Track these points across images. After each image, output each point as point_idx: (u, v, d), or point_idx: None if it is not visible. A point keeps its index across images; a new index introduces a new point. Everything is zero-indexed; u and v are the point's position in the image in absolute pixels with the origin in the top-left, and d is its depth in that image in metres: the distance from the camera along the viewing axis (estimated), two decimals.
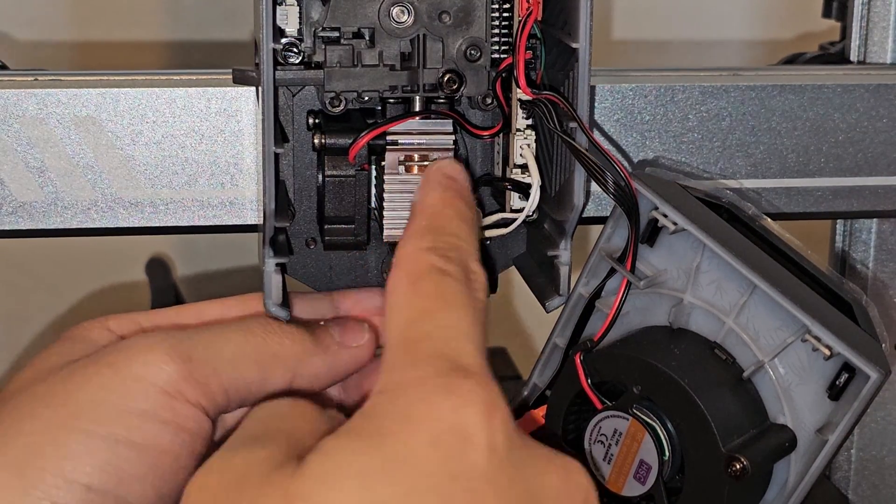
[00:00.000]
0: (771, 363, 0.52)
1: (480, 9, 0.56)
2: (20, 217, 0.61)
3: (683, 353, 0.53)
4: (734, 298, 0.53)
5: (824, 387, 0.51)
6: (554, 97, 0.54)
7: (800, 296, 0.51)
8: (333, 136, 0.57)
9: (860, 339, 0.51)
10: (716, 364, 0.53)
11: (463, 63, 0.56)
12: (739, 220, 0.57)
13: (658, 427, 0.52)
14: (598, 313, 0.57)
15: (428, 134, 0.56)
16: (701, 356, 0.53)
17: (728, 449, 0.50)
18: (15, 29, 1.03)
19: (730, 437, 0.51)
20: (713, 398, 0.51)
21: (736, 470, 0.50)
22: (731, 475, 0.50)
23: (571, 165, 0.54)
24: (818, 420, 0.51)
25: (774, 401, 0.52)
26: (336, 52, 0.55)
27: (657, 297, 0.55)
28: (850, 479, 0.75)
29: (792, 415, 0.52)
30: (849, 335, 0.50)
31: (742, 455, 0.50)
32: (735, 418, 0.51)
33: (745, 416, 0.52)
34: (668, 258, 0.55)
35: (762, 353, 0.52)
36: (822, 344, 0.50)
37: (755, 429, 0.52)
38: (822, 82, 0.67)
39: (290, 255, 0.59)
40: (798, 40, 1.07)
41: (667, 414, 0.52)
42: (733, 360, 0.53)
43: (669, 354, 0.52)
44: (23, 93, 0.60)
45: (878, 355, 0.50)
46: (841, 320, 0.52)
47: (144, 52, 1.05)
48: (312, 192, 0.59)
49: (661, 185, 0.55)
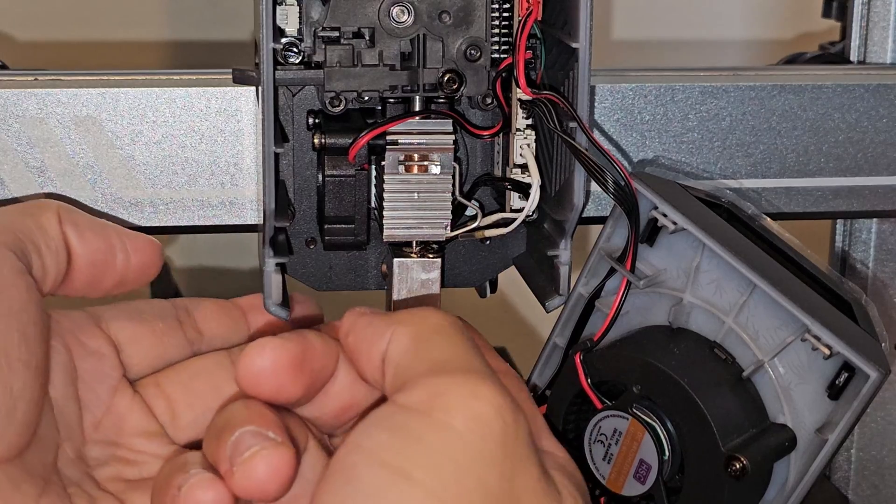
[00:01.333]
0: (771, 363, 0.52)
1: (480, 8, 0.56)
2: None
3: (683, 353, 0.53)
4: (734, 298, 0.53)
5: (824, 386, 0.51)
6: (554, 97, 0.54)
7: (799, 295, 0.51)
8: (333, 135, 0.57)
9: (860, 339, 0.51)
10: (715, 363, 0.53)
11: (463, 63, 0.56)
12: (739, 220, 0.57)
13: (658, 427, 0.52)
14: (597, 313, 0.57)
15: (428, 134, 0.56)
16: (701, 356, 0.53)
17: (728, 448, 0.50)
18: (15, 28, 1.03)
19: (729, 436, 0.51)
20: (713, 397, 0.51)
21: (736, 469, 0.50)
22: (731, 475, 0.50)
23: (571, 165, 0.54)
24: (818, 420, 0.51)
25: (774, 400, 0.52)
26: (336, 51, 0.55)
27: (657, 297, 0.55)
28: (850, 479, 0.75)
29: (792, 414, 0.52)
30: (848, 334, 0.50)
31: (742, 454, 0.50)
32: (735, 418, 0.51)
33: (745, 416, 0.52)
34: (668, 258, 0.55)
35: (762, 352, 0.52)
36: (822, 343, 0.50)
37: (755, 428, 0.52)
38: (822, 82, 0.67)
39: (290, 254, 0.59)
40: (798, 40, 1.07)
41: (666, 413, 0.52)
42: (733, 360, 0.53)
43: (669, 354, 0.52)
44: (23, 92, 0.60)
45: (878, 355, 0.50)
46: (840, 320, 0.52)
47: (144, 51, 1.05)
48: (312, 192, 0.59)
49: (661, 184, 0.55)
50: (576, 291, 0.57)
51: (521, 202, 0.57)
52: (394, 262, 0.56)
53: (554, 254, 0.57)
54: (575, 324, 0.57)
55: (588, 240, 0.59)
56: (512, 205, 0.57)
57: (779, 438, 0.51)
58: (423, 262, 0.56)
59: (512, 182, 0.57)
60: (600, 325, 0.55)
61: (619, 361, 0.53)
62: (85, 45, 1.04)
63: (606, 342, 0.55)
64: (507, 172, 0.57)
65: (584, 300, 0.57)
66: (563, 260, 0.56)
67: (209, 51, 1.05)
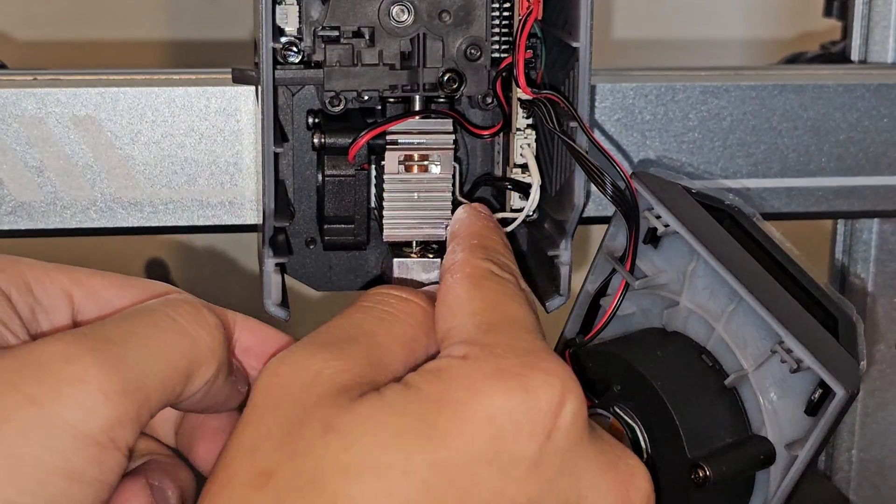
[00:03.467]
0: (755, 374, 0.51)
1: (480, 8, 0.55)
2: (19, 217, 0.61)
3: (667, 356, 0.52)
4: (724, 305, 0.52)
5: (804, 402, 0.50)
6: (554, 96, 0.54)
7: (780, 307, 0.50)
8: (333, 135, 0.56)
9: (835, 355, 0.50)
10: (699, 370, 0.52)
11: (463, 62, 0.56)
12: (740, 226, 0.56)
13: (636, 427, 0.51)
14: (602, 311, 0.56)
15: (428, 133, 0.56)
16: (685, 361, 0.52)
17: (694, 456, 0.50)
18: (14, 28, 1.03)
19: (700, 443, 0.50)
20: (687, 404, 0.50)
21: (699, 477, 0.49)
22: (695, 482, 0.49)
23: (572, 165, 0.54)
24: (797, 435, 0.50)
25: (757, 412, 0.51)
26: (336, 51, 0.55)
27: (658, 299, 0.55)
28: (851, 479, 0.75)
29: (773, 428, 0.51)
30: (823, 350, 0.49)
31: (706, 464, 0.49)
32: (709, 426, 0.51)
33: (722, 425, 0.51)
34: (669, 260, 0.54)
35: (746, 362, 0.51)
36: (792, 357, 0.49)
37: (732, 438, 0.51)
38: (824, 82, 0.67)
39: (290, 254, 0.59)
40: (799, 40, 1.07)
41: (641, 415, 0.51)
42: (720, 367, 0.52)
43: (651, 356, 0.52)
44: (22, 92, 0.60)
45: (851, 373, 0.49)
46: (819, 335, 0.51)
47: (143, 51, 1.05)
48: (312, 192, 0.59)
49: (663, 185, 0.55)
50: (584, 288, 0.56)
51: (521, 202, 0.57)
52: (393, 262, 0.56)
53: (554, 254, 0.57)
54: (582, 320, 0.57)
55: (588, 239, 0.59)
56: (512, 204, 0.57)
57: (755, 451, 0.50)
58: (423, 262, 0.56)
59: (512, 182, 0.57)
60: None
61: (602, 359, 0.53)
62: (84, 44, 1.04)
63: (605, 340, 0.55)
64: (508, 172, 0.57)
65: (590, 297, 0.56)
66: (564, 260, 0.56)
67: (208, 50, 1.05)
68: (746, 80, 0.66)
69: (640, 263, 0.54)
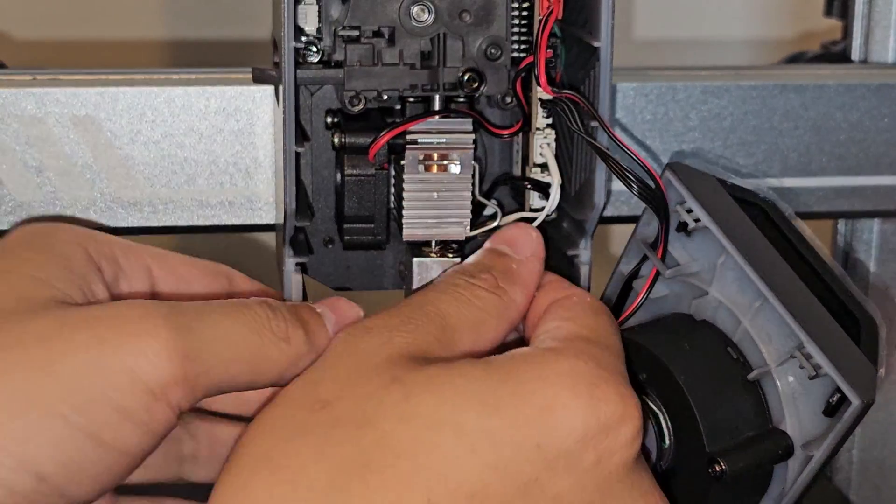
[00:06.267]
0: (777, 370, 0.51)
1: (501, 7, 0.55)
2: (19, 217, 0.61)
3: (693, 348, 0.52)
4: (751, 300, 0.52)
5: (823, 402, 0.50)
6: (574, 96, 0.54)
7: (803, 309, 0.51)
8: (353, 134, 0.56)
9: (853, 361, 0.50)
10: (724, 362, 0.52)
11: (483, 62, 0.56)
12: (772, 222, 0.56)
13: (661, 416, 0.52)
14: (633, 293, 0.56)
15: (448, 133, 0.56)
16: (711, 353, 0.52)
17: (712, 451, 0.50)
18: (13, 27, 1.03)
19: (720, 438, 0.50)
20: (710, 399, 0.51)
21: (716, 471, 0.50)
22: (712, 475, 0.50)
23: (592, 164, 0.54)
24: (815, 433, 0.50)
25: (777, 405, 0.51)
26: (356, 50, 0.55)
27: (689, 286, 0.54)
28: (852, 480, 0.75)
29: (793, 424, 0.51)
30: (842, 356, 0.50)
31: (723, 459, 0.49)
32: (730, 420, 0.51)
33: (743, 419, 0.51)
34: (701, 250, 0.54)
35: (770, 358, 0.51)
36: (811, 363, 0.49)
37: (752, 432, 0.51)
38: (824, 81, 0.66)
39: (310, 254, 0.58)
40: (800, 39, 1.07)
41: (664, 405, 0.51)
42: (745, 361, 0.52)
43: (677, 348, 0.52)
44: (21, 92, 0.60)
45: (868, 381, 0.49)
46: (840, 339, 0.51)
47: (143, 50, 1.05)
48: (331, 192, 0.59)
49: (697, 178, 0.54)
50: (618, 269, 0.56)
51: (540, 201, 0.57)
52: (413, 262, 0.56)
53: (574, 253, 0.57)
54: (615, 301, 0.57)
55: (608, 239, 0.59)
56: (531, 204, 0.57)
57: (775, 445, 0.51)
58: (442, 261, 0.56)
59: (532, 181, 0.57)
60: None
61: (630, 347, 0.53)
62: (83, 44, 1.04)
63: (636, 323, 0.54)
64: (527, 172, 0.57)
65: (624, 278, 0.56)
66: (584, 259, 0.56)
67: (208, 50, 1.05)
68: (747, 80, 0.66)
69: (672, 250, 0.54)
